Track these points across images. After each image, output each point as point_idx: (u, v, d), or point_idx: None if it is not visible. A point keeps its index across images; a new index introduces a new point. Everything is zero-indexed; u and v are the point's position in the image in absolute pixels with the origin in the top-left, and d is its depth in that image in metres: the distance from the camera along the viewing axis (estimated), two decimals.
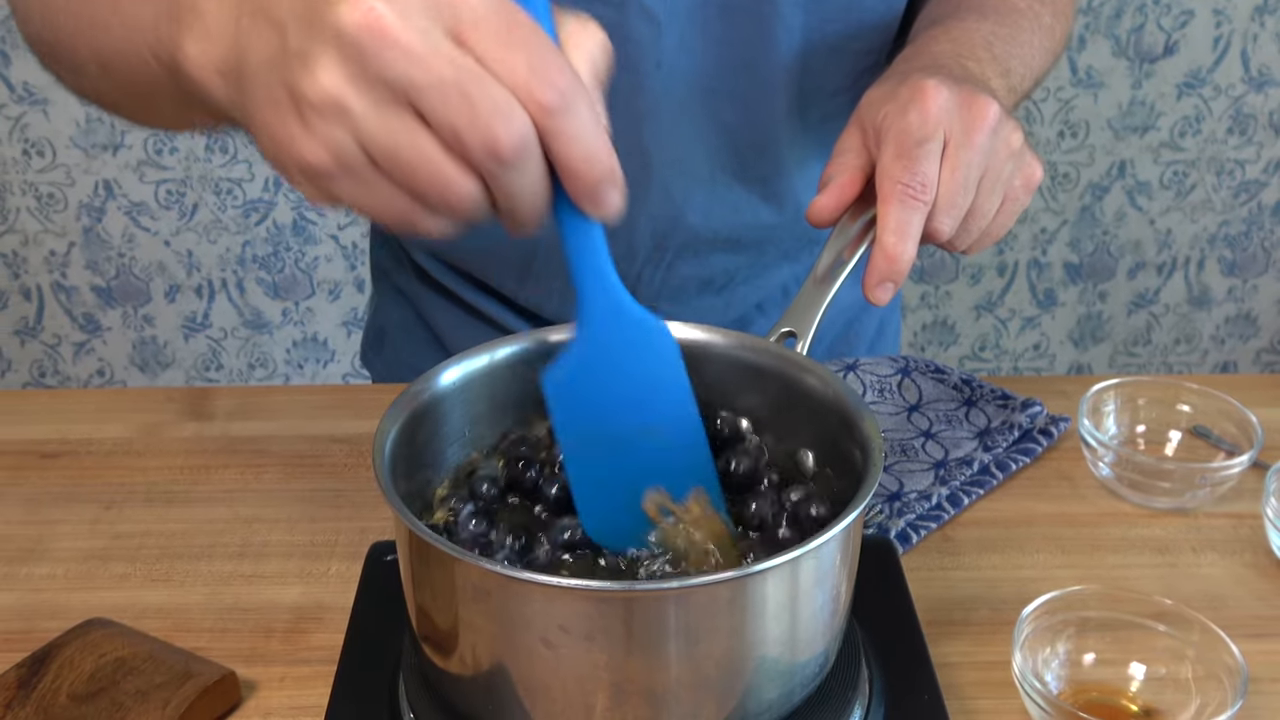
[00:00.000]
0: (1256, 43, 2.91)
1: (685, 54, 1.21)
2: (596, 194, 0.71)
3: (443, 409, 0.90)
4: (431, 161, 0.67)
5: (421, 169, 0.67)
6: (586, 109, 0.69)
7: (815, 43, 1.23)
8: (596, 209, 0.72)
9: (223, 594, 1.10)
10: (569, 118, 0.68)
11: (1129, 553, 1.17)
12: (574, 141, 0.68)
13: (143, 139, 2.89)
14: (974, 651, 1.04)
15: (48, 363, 3.19)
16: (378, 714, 0.88)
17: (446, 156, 0.67)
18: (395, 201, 0.69)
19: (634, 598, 0.74)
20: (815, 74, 1.26)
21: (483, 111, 0.66)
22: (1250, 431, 1.22)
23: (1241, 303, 3.26)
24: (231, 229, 3.02)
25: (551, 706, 0.78)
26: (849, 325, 1.51)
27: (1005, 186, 1.00)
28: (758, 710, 0.80)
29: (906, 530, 1.16)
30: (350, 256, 3.05)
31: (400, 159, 0.67)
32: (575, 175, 0.70)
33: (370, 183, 0.68)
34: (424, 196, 0.69)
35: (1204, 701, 0.96)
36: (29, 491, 1.23)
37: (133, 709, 0.93)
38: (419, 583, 0.82)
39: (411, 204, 0.69)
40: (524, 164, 0.68)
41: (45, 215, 2.98)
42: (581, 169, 0.70)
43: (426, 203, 0.69)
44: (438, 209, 0.69)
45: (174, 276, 3.08)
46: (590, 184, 0.70)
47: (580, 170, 0.70)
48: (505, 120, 0.66)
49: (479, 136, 0.66)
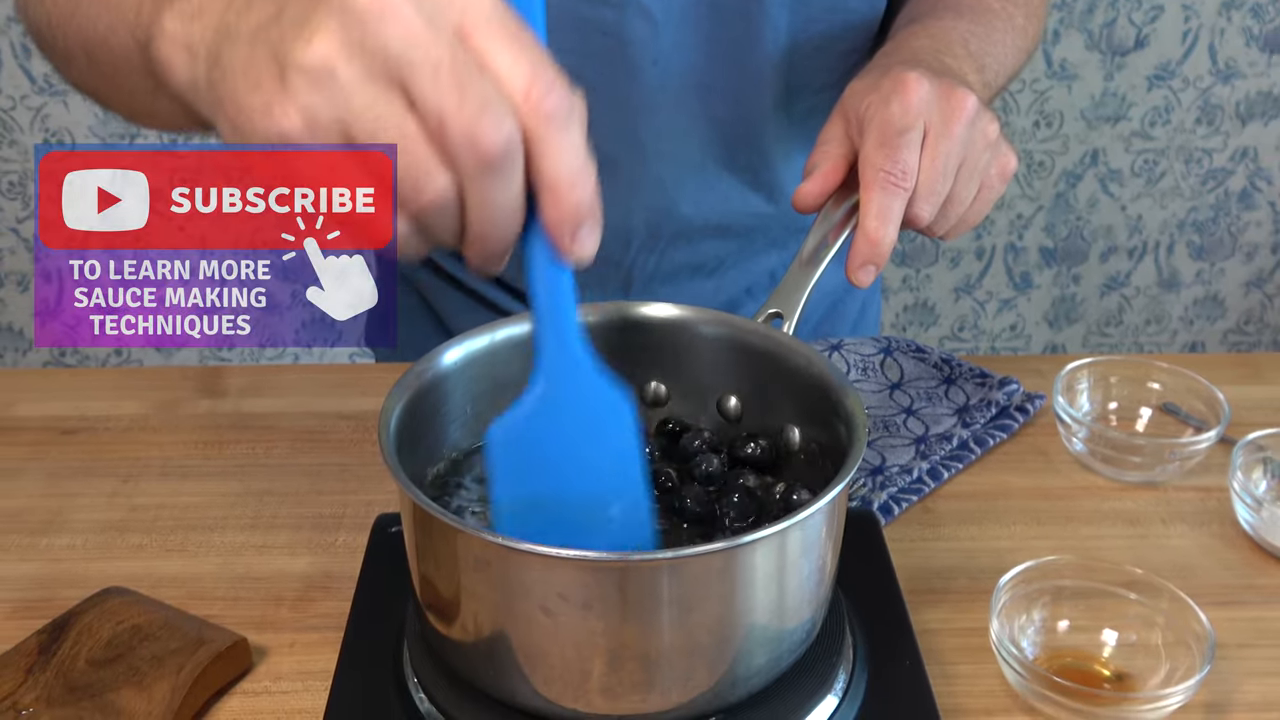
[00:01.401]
0: (1223, 37, 2.92)
1: (679, 51, 1.21)
2: (576, 227, 0.68)
3: (445, 387, 0.90)
4: (411, 144, 0.64)
5: (400, 150, 0.64)
6: (580, 131, 0.66)
7: (801, 41, 1.23)
8: (570, 247, 0.69)
9: (234, 564, 1.10)
10: (564, 132, 0.65)
11: (1101, 524, 1.17)
12: (563, 156, 0.66)
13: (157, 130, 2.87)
14: (953, 619, 1.04)
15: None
16: (383, 679, 0.88)
17: (427, 143, 0.64)
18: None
19: (629, 567, 0.74)
20: (801, 71, 1.26)
21: (472, 103, 0.63)
22: (1217, 408, 1.22)
23: (1209, 285, 3.26)
24: None
25: (550, 671, 0.78)
26: (833, 307, 1.51)
27: (982, 175, 1.00)
28: (747, 675, 0.81)
29: (889, 503, 1.16)
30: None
31: (378, 137, 0.64)
32: (557, 196, 0.67)
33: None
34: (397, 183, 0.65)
35: (1173, 666, 0.97)
36: (49, 466, 1.23)
37: (148, 674, 0.93)
38: (422, 553, 0.82)
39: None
40: (504, 170, 0.65)
41: None
42: (564, 189, 0.67)
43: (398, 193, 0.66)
44: (406, 200, 0.66)
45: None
46: (570, 210, 0.67)
47: (563, 191, 0.67)
48: (494, 118, 0.63)
49: (464, 126, 0.63)
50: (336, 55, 0.63)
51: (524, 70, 0.64)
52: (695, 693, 0.79)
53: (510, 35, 0.65)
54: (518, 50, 0.65)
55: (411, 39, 0.63)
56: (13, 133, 2.88)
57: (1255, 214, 3.16)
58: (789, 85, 1.27)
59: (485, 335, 0.92)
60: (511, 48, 0.65)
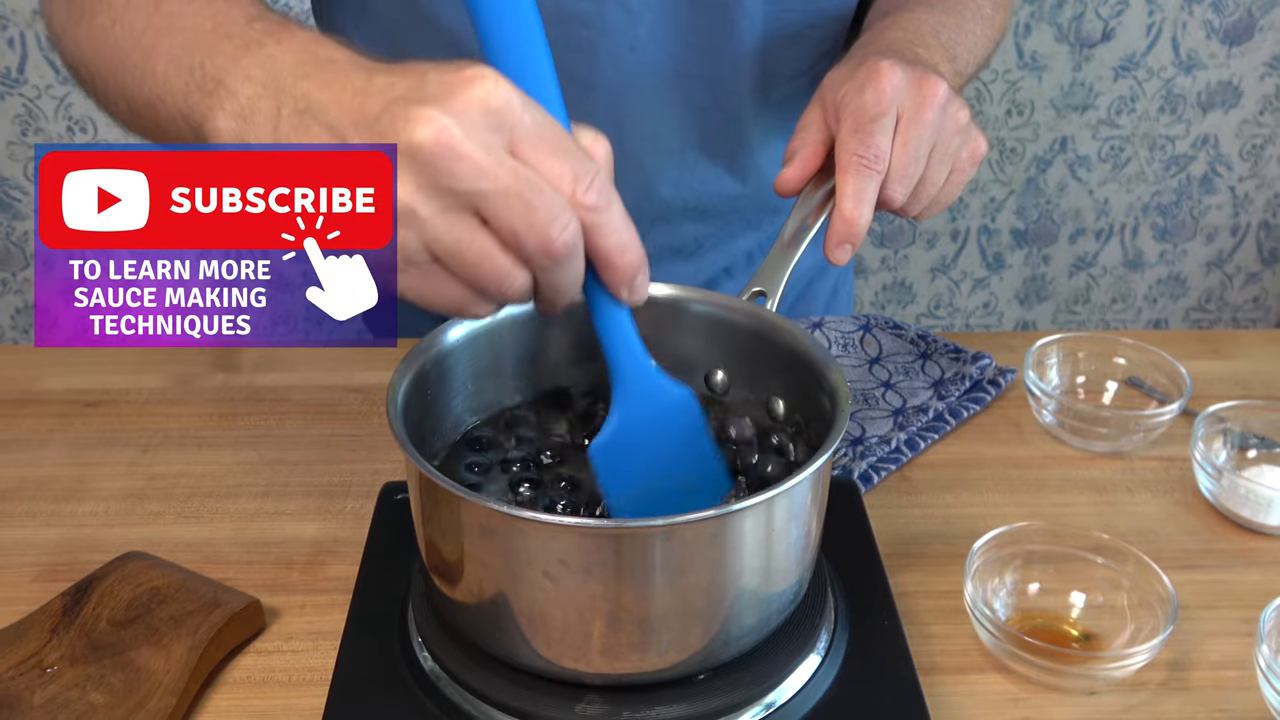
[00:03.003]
0: (1185, 30, 2.91)
1: (656, 40, 1.20)
2: (631, 282, 0.75)
3: (449, 363, 0.90)
4: (492, 258, 0.69)
5: (484, 265, 0.69)
6: (619, 208, 0.72)
7: (775, 31, 1.23)
8: (631, 295, 0.76)
9: (248, 529, 1.10)
10: (607, 215, 0.71)
11: (1070, 492, 1.17)
12: (611, 234, 0.72)
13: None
14: (929, 581, 1.04)
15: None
16: (389, 639, 0.88)
17: (505, 254, 0.69)
18: (453, 291, 0.71)
19: (626, 534, 0.74)
20: (776, 59, 1.26)
21: (540, 215, 0.68)
22: (1180, 382, 1.22)
23: (1172, 265, 3.26)
24: None
25: (551, 633, 0.78)
26: (808, 286, 1.51)
27: (953, 158, 1.00)
28: (738, 635, 0.81)
29: (868, 472, 1.16)
30: None
31: (464, 258, 0.69)
32: (613, 266, 0.73)
33: (432, 276, 0.70)
34: (482, 288, 0.70)
35: (1138, 627, 0.97)
36: (73, 437, 1.22)
37: (166, 634, 0.93)
38: (428, 520, 0.82)
39: (467, 293, 0.71)
40: (572, 259, 0.71)
41: None
42: (617, 260, 0.73)
43: (484, 293, 0.71)
44: (493, 298, 0.72)
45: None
46: (626, 272, 0.74)
47: (616, 261, 0.73)
48: (560, 224, 0.69)
49: (536, 238, 0.68)
50: (414, 197, 0.67)
51: (569, 173, 0.69)
52: (689, 652, 0.79)
53: (551, 145, 0.69)
54: (560, 156, 0.69)
55: (478, 173, 0.67)
56: (38, 121, 2.87)
57: (1215, 198, 3.16)
58: (764, 73, 1.26)
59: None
60: (554, 156, 0.69)
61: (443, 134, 0.66)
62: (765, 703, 0.82)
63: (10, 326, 3.18)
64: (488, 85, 0.68)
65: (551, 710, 0.80)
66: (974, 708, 0.93)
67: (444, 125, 0.66)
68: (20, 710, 0.87)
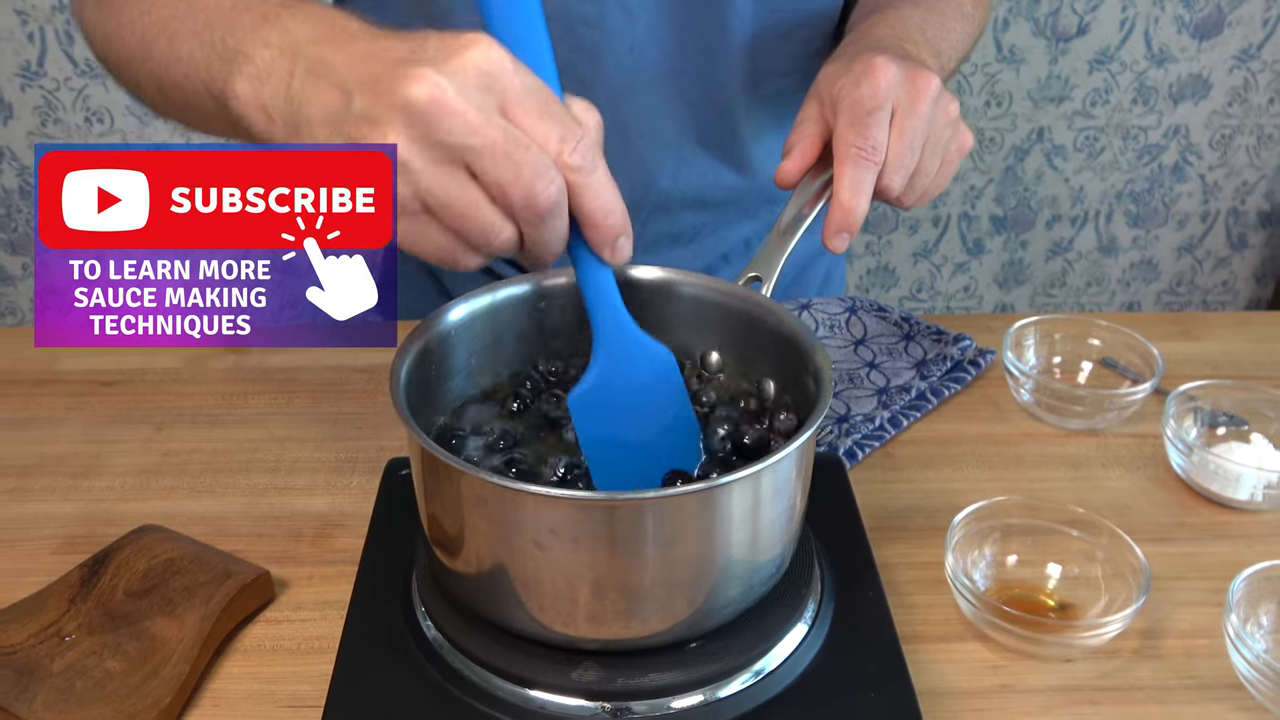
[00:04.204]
0: (1157, 25, 2.91)
1: (654, 39, 1.21)
2: (612, 242, 0.77)
3: (450, 342, 0.90)
4: (480, 210, 0.71)
5: (471, 216, 0.71)
6: (604, 171, 0.74)
7: (765, 29, 1.23)
8: (613, 255, 0.78)
9: (258, 503, 1.10)
10: (592, 177, 0.73)
11: (1046, 468, 1.17)
12: (596, 197, 0.74)
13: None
14: (912, 554, 1.04)
15: None
16: (393, 608, 0.88)
17: (492, 207, 0.71)
18: (442, 241, 0.73)
19: (615, 506, 0.74)
20: (766, 57, 1.26)
21: (526, 172, 0.70)
22: (1152, 362, 1.22)
23: (1144, 250, 3.26)
24: None
25: (543, 600, 0.78)
26: (802, 272, 1.51)
27: (944, 150, 1.00)
28: (723, 605, 0.80)
29: (853, 448, 1.16)
30: None
31: (452, 209, 0.71)
32: (596, 226, 0.75)
33: (422, 227, 0.72)
34: (468, 238, 0.72)
35: (1112, 597, 0.97)
36: (90, 415, 1.22)
37: (180, 603, 0.93)
38: (430, 493, 0.82)
39: (455, 244, 0.73)
40: (555, 215, 0.72)
41: None
42: (601, 221, 0.75)
43: (470, 244, 0.73)
44: (479, 249, 0.73)
45: None
46: (609, 233, 0.76)
47: (600, 222, 0.75)
48: (545, 180, 0.70)
49: (522, 192, 0.70)
50: (409, 150, 0.70)
51: (555, 134, 0.71)
52: (675, 620, 0.79)
53: (540, 107, 0.71)
54: (549, 118, 0.71)
55: (468, 129, 0.69)
56: (57, 112, 2.87)
57: (1186, 185, 3.16)
58: (756, 70, 1.26)
59: (486, 295, 0.91)
60: (544, 117, 0.71)
61: (436, 91, 0.68)
62: (755, 669, 0.82)
63: (29, 310, 3.18)
64: (482, 49, 0.70)
65: (549, 676, 0.80)
66: (954, 674, 0.93)
67: (438, 83, 0.68)
68: (40, 677, 0.87)
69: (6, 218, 3.02)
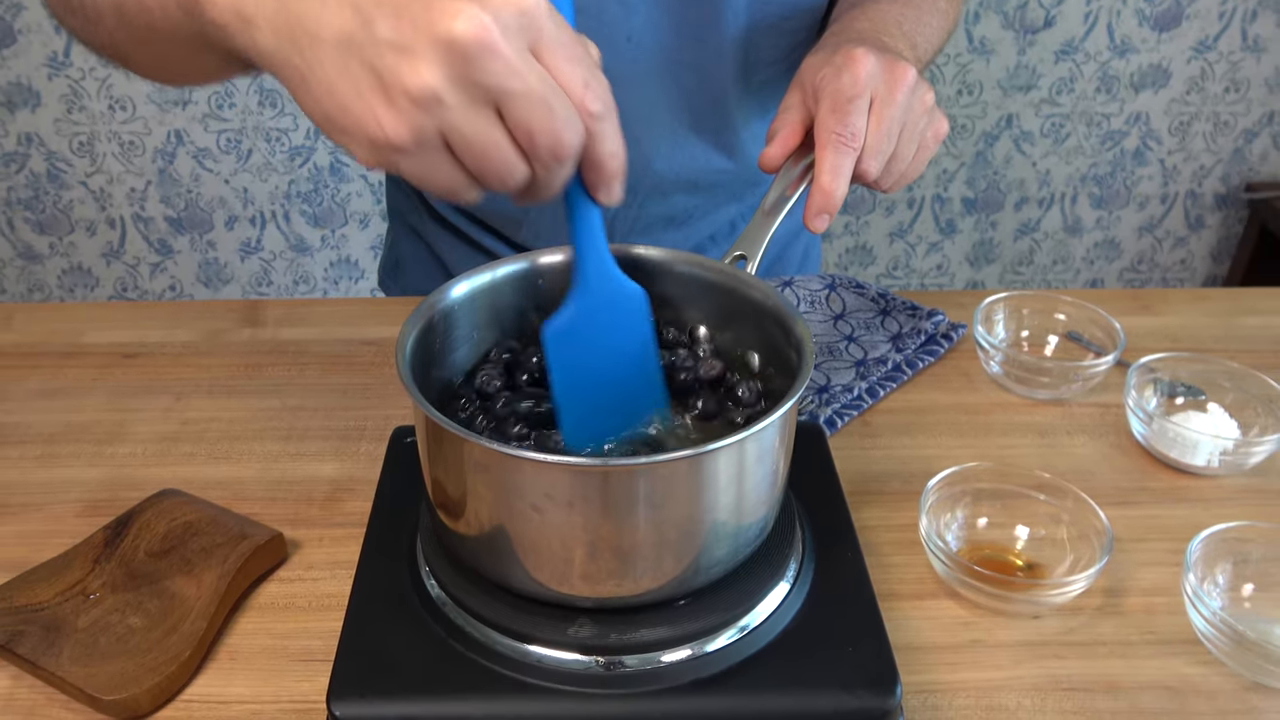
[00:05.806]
0: (1119, 18, 2.91)
1: (650, 29, 1.20)
2: (611, 184, 0.74)
3: (453, 316, 0.90)
4: (501, 151, 0.67)
5: (493, 158, 0.67)
6: (615, 116, 0.71)
7: (757, 21, 1.22)
8: (608, 197, 0.75)
9: (272, 469, 1.09)
10: (607, 123, 0.70)
11: (1015, 435, 1.16)
12: (608, 142, 0.71)
13: (207, 96, 2.88)
14: (888, 516, 1.04)
15: (129, 279, 3.17)
16: (400, 567, 0.88)
17: (514, 149, 0.68)
18: (452, 176, 0.69)
19: (607, 471, 0.73)
20: (757, 47, 1.25)
21: (558, 119, 0.67)
22: (1114, 336, 1.22)
23: (1107, 230, 3.26)
24: (280, 170, 3.00)
25: (539, 560, 0.78)
26: (782, 250, 1.51)
27: (920, 136, 1.00)
28: (709, 565, 0.80)
29: (833, 417, 1.16)
30: (377, 192, 3.04)
31: (474, 148, 0.67)
32: (600, 168, 0.72)
33: (437, 161, 0.68)
34: (483, 177, 0.69)
35: (1076, 557, 0.97)
36: (113, 385, 1.22)
37: (198, 563, 0.92)
38: (434, 459, 0.81)
39: (464, 179, 0.69)
40: (571, 162, 0.70)
41: (127, 159, 2.96)
42: (606, 163, 0.72)
43: (484, 183, 0.69)
44: (490, 188, 0.70)
45: (232, 209, 3.06)
46: (609, 176, 0.73)
47: (606, 165, 0.72)
48: (572, 130, 0.68)
49: (549, 140, 0.67)
50: (443, 86, 0.64)
51: (579, 79, 0.68)
52: (664, 579, 0.79)
53: (569, 52, 0.68)
54: (575, 64, 0.68)
55: (510, 72, 0.65)
56: (82, 99, 2.87)
57: (1147, 169, 3.16)
58: (746, 60, 1.26)
59: (488, 272, 0.91)
60: (570, 62, 0.68)
61: (483, 31, 0.63)
62: (740, 625, 0.82)
63: (57, 285, 3.18)
64: None
65: (546, 632, 0.79)
66: (928, 630, 0.93)
67: (484, 23, 0.63)
68: (66, 633, 0.87)
69: (35, 200, 3.01)
